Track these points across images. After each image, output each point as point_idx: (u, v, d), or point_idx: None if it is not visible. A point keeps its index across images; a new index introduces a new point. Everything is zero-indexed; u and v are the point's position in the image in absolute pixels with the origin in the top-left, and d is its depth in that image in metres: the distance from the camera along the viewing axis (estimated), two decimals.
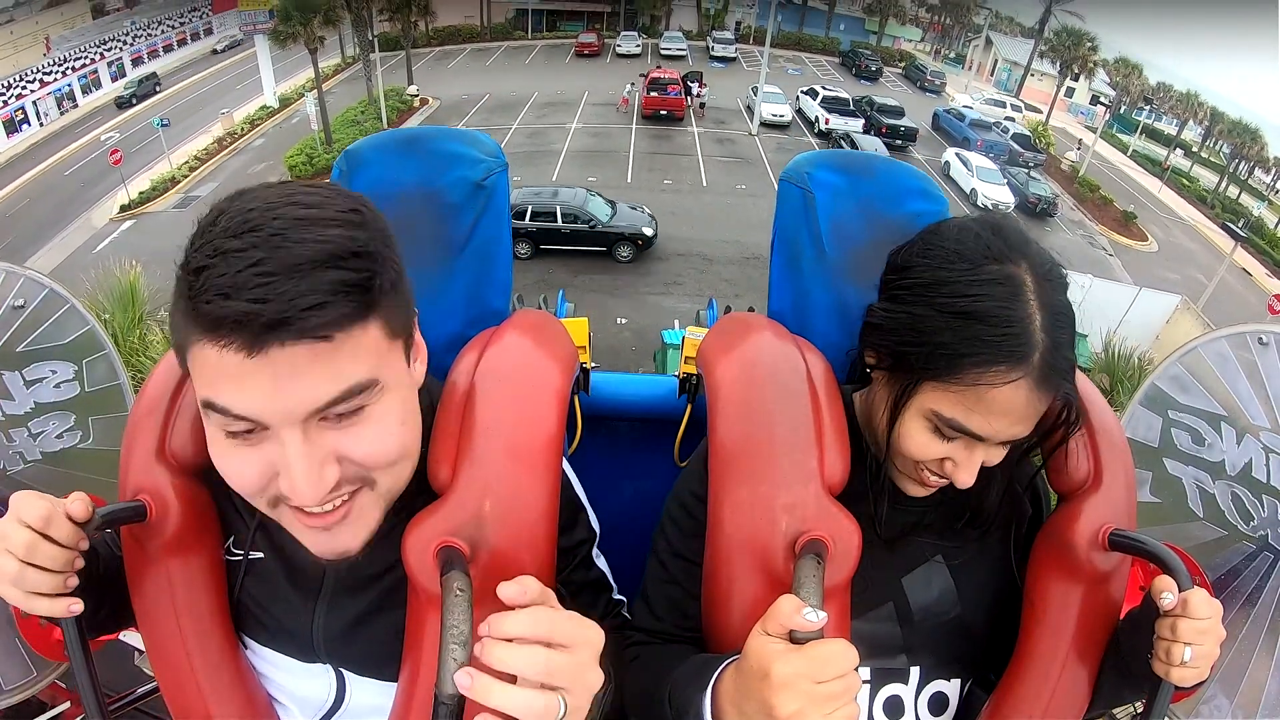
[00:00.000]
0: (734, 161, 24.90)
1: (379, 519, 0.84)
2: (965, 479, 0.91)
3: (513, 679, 0.68)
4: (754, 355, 1.07)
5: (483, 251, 1.18)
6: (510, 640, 0.69)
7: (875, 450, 1.01)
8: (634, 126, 27.66)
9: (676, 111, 28.25)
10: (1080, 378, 0.95)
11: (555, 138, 25.87)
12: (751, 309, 1.31)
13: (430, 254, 1.15)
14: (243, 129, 26.19)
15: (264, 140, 25.82)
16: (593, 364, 1.43)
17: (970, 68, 41.91)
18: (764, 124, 28.09)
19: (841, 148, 23.97)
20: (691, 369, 1.34)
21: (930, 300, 0.89)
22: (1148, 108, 34.98)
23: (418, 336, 0.86)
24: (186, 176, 22.26)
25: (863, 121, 27.62)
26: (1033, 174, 25.76)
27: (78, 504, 0.82)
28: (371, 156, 1.16)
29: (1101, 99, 34.98)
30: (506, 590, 0.73)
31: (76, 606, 0.81)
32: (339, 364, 0.71)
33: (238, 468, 0.76)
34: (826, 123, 27.57)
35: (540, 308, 1.54)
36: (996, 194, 23.18)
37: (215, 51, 33.05)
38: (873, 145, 24.13)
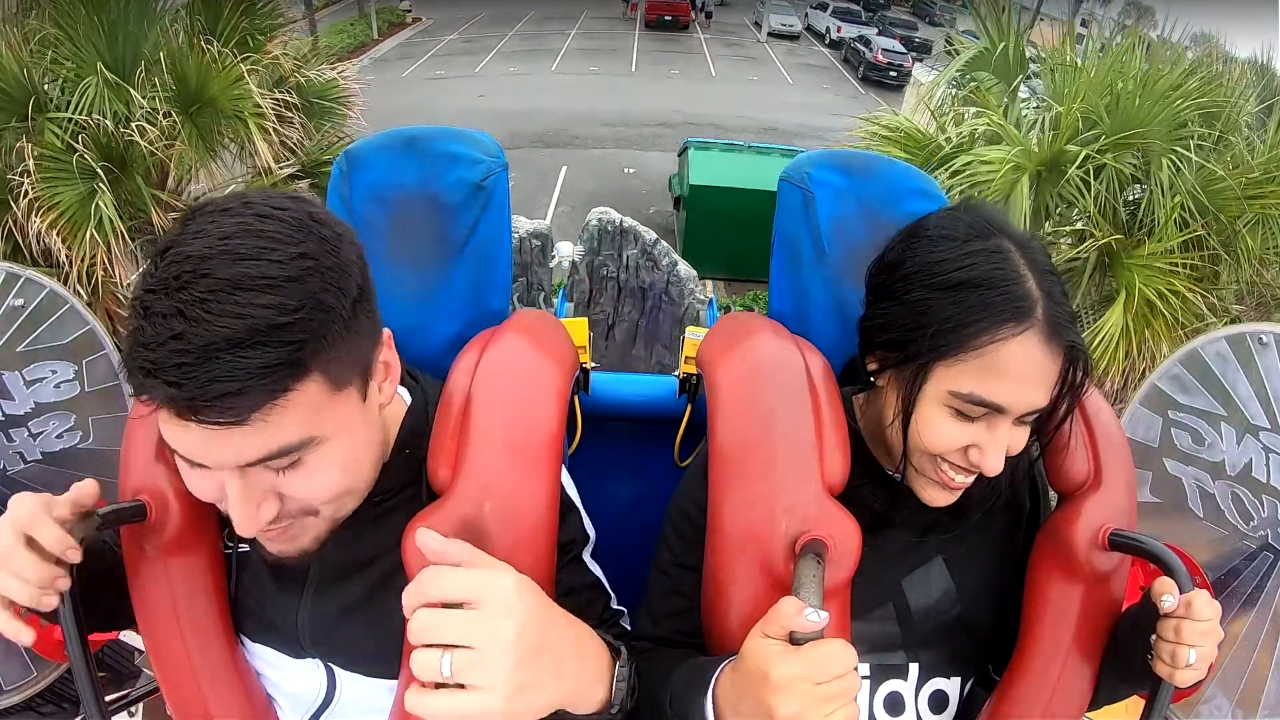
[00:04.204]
0: (743, 60, 24.90)
1: (324, 534, 0.87)
2: (994, 464, 0.89)
3: None
4: (754, 355, 1.07)
5: (483, 252, 1.18)
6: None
7: (886, 462, 1.01)
8: (637, 31, 27.53)
9: (681, 17, 27.85)
10: None
11: (554, 41, 25.75)
12: (752, 309, 1.30)
13: (430, 254, 1.15)
14: None
15: None
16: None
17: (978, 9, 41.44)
18: (772, 34, 28.12)
19: (856, 51, 24.00)
20: (691, 369, 1.34)
21: (924, 283, 0.90)
22: None
23: (387, 355, 0.86)
24: None
25: (875, 30, 27.30)
26: None
27: (79, 491, 0.84)
28: (372, 157, 1.16)
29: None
30: (423, 538, 0.78)
31: (50, 600, 0.80)
32: (265, 431, 0.71)
33: (194, 485, 0.79)
34: (839, 31, 27.41)
35: (540, 308, 1.54)
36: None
37: None
38: (889, 43, 24.03)
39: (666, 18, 27.54)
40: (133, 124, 4.41)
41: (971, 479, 0.93)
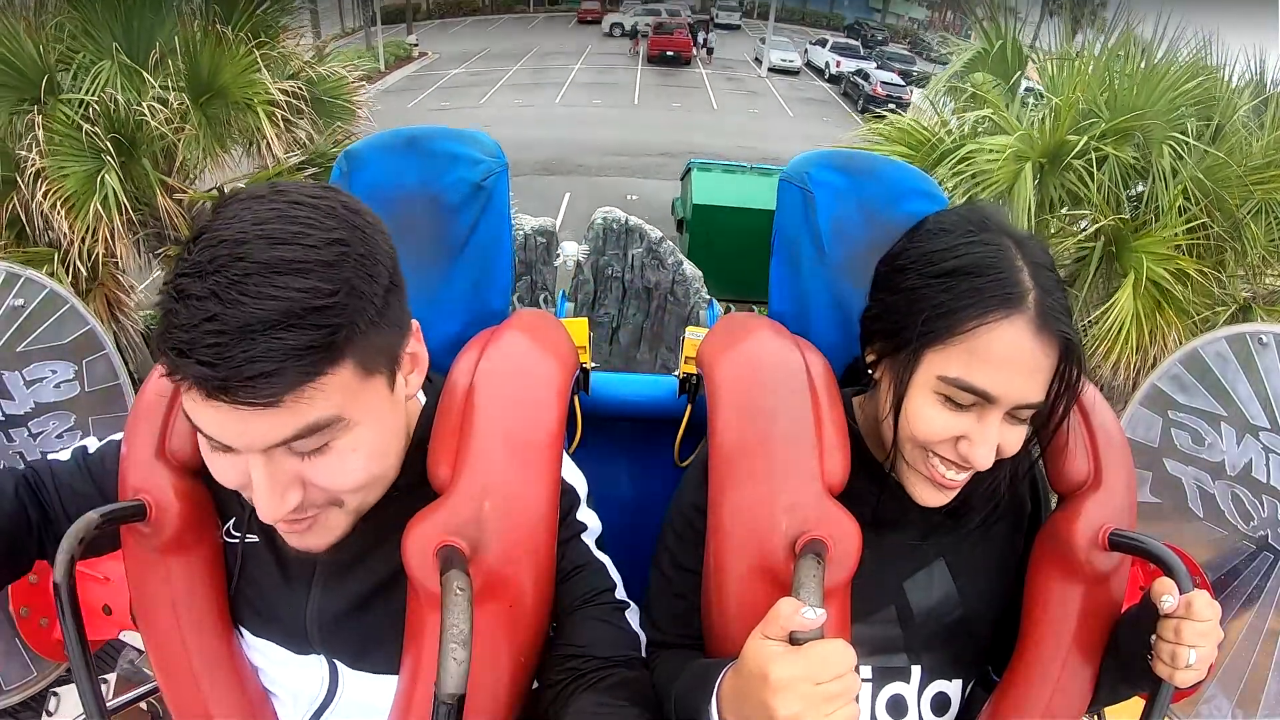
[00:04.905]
0: (745, 94, 25.22)
1: (347, 528, 0.86)
2: (983, 457, 0.87)
3: None
4: (754, 355, 1.07)
5: (483, 252, 1.18)
6: None
7: (883, 459, 1.00)
8: (640, 66, 27.95)
9: (684, 53, 28.21)
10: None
11: (558, 75, 26.09)
12: (752, 309, 1.31)
13: (430, 254, 1.15)
14: None
15: None
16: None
17: None
18: (772, 69, 28.50)
19: (855, 85, 24.36)
20: (691, 369, 1.34)
21: (919, 272, 0.90)
22: None
23: (414, 347, 0.86)
24: None
25: (874, 64, 27.66)
26: None
27: None
28: (372, 157, 1.16)
29: None
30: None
31: None
32: (297, 409, 0.71)
33: (220, 470, 0.78)
34: (838, 65, 27.77)
35: (540, 307, 1.54)
36: None
37: None
38: (888, 76, 24.36)
39: (669, 53, 27.82)
40: (144, 104, 4.42)
41: (963, 477, 0.92)
